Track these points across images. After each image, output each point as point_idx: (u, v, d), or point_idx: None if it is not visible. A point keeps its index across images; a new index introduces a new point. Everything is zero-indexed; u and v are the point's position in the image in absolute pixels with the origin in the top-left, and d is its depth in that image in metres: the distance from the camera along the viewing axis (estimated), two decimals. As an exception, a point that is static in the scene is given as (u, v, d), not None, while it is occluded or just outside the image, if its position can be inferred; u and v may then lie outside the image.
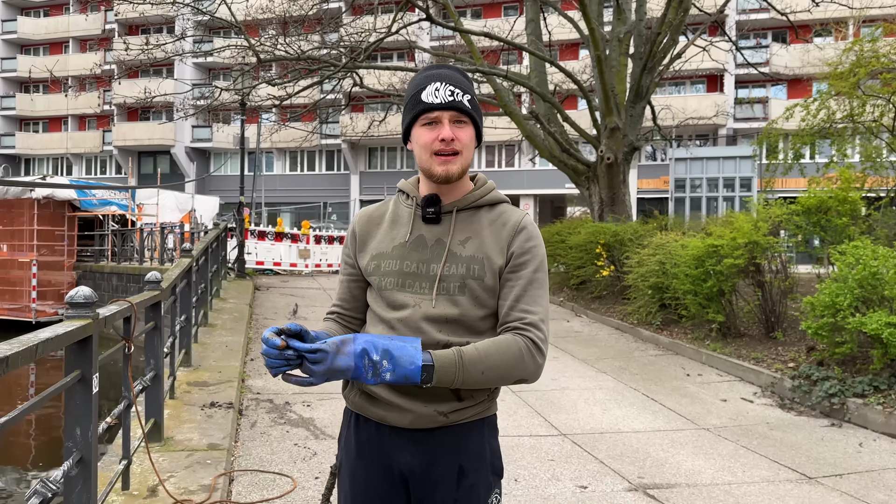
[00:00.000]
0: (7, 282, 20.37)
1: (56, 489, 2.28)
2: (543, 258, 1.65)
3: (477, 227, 1.63)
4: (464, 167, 1.61)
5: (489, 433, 1.64)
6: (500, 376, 1.50)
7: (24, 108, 41.79)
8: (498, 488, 1.64)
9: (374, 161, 37.44)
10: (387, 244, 1.66)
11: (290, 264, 18.58)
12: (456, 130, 1.58)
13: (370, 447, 1.63)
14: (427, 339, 1.54)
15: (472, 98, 1.62)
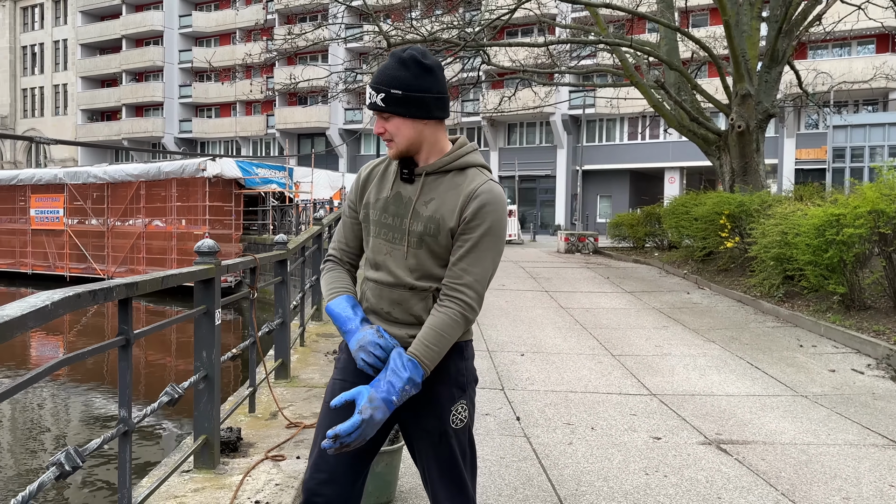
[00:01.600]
0: (184, 252, 22.99)
1: (181, 392, 2.96)
2: (494, 225, 1.83)
3: (441, 189, 1.86)
4: (400, 149, 1.86)
5: (456, 356, 1.90)
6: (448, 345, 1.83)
7: (199, 95, 46.17)
8: (464, 400, 1.92)
9: (513, 137, 37.71)
10: (378, 194, 1.95)
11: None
12: (384, 123, 1.85)
13: None
14: (399, 280, 1.88)
15: (386, 94, 1.80)
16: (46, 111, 50.51)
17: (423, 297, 1.89)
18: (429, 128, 1.85)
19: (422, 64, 1.81)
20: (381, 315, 1.93)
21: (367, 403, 1.72)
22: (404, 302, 1.89)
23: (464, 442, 1.94)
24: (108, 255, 24.07)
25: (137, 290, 2.43)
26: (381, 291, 1.92)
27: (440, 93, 1.85)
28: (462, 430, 1.93)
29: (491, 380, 5.75)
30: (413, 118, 1.82)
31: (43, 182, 25.73)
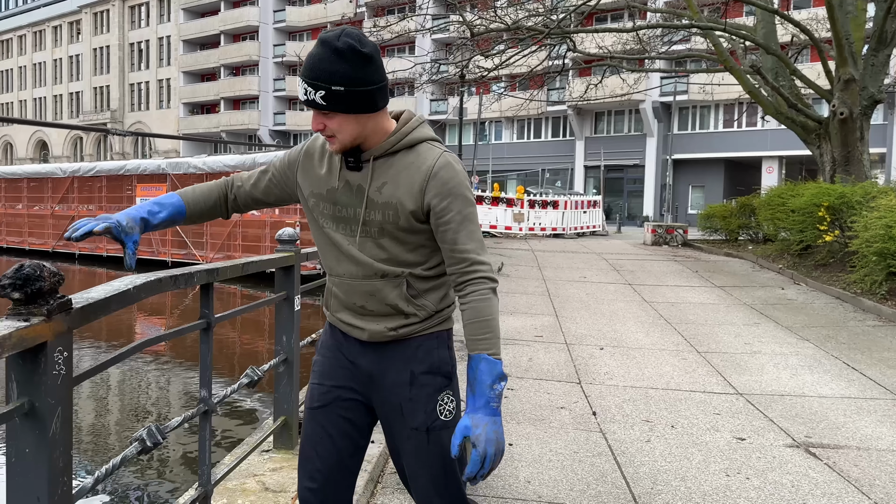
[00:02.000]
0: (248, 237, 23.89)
1: (261, 375, 3.08)
2: (464, 194, 1.75)
3: (393, 172, 1.74)
4: (345, 144, 1.70)
5: (438, 345, 1.84)
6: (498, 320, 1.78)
7: (292, 89, 47.64)
8: (450, 390, 1.84)
9: (599, 126, 36.93)
10: (322, 186, 1.81)
11: (506, 227, 19.43)
12: (324, 119, 1.68)
13: (339, 350, 1.90)
14: (368, 271, 1.78)
15: (326, 92, 1.61)
16: (152, 105, 53.39)
17: (396, 283, 1.79)
18: (373, 118, 1.70)
19: (361, 54, 1.62)
20: (354, 310, 1.84)
21: (474, 431, 1.65)
22: (377, 292, 1.79)
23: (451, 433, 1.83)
24: (207, 242, 25.25)
25: (218, 275, 2.53)
26: (351, 286, 1.82)
27: (382, 81, 1.68)
28: (452, 422, 1.83)
29: (567, 373, 5.68)
30: (358, 114, 1.67)
31: (147, 172, 27.23)
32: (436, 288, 1.85)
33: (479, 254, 1.77)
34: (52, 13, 59.44)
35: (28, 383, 1.45)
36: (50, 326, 1.45)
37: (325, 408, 1.87)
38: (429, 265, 1.82)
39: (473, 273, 1.75)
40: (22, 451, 1.46)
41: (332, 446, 1.86)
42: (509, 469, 3.61)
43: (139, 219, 1.75)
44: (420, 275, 1.81)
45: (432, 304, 1.83)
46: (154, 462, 6.54)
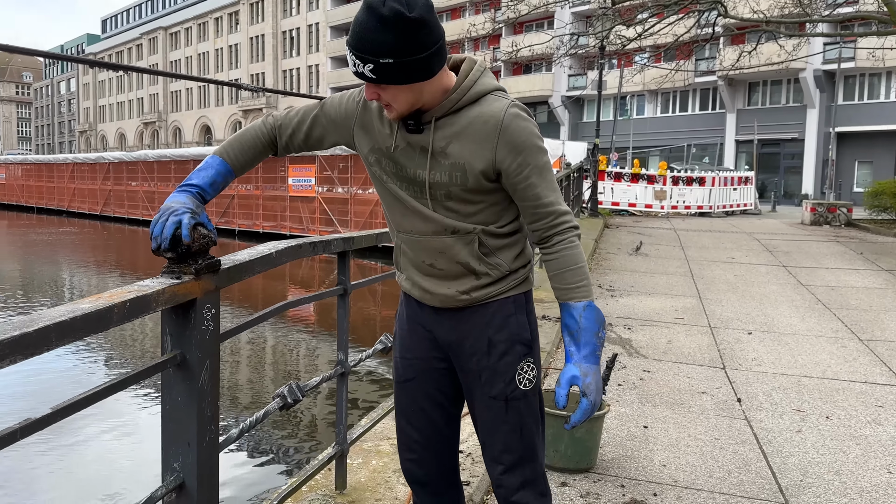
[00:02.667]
0: None
1: (391, 343, 3.16)
2: (536, 144, 1.64)
3: (457, 129, 1.62)
4: (401, 112, 1.59)
5: (516, 310, 1.74)
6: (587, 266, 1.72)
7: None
8: (531, 358, 1.74)
9: (753, 97, 34.44)
10: (381, 143, 1.70)
11: (646, 205, 18.68)
12: (377, 89, 1.56)
13: (416, 320, 1.83)
14: (437, 227, 1.69)
15: (375, 65, 1.48)
16: (302, 90, 56.27)
17: (468, 241, 1.68)
18: (429, 83, 1.56)
19: (409, 20, 1.44)
20: (423, 269, 1.74)
21: (584, 381, 1.62)
22: (447, 249, 1.69)
23: (535, 406, 1.76)
24: (351, 220, 26.40)
25: (353, 244, 2.62)
26: (419, 242, 1.72)
27: (436, 43, 1.51)
28: (532, 391, 1.75)
29: (710, 357, 5.39)
30: (412, 83, 1.53)
31: (298, 154, 28.81)
32: (510, 245, 1.73)
33: (561, 204, 1.69)
34: (215, 5, 64.00)
35: (180, 336, 1.57)
36: (199, 284, 1.56)
37: (412, 381, 1.83)
38: (501, 223, 1.71)
39: (560, 225, 1.67)
40: (175, 399, 1.59)
41: (426, 418, 1.83)
42: (644, 452, 3.50)
43: (197, 195, 1.65)
44: (493, 231, 1.70)
45: (506, 262, 1.72)
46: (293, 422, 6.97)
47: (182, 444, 1.59)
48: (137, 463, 5.91)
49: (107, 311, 1.30)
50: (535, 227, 1.69)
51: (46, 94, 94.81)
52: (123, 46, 76.57)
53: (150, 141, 71.62)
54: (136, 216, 35.45)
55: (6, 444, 1.15)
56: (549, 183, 1.66)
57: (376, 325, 12.33)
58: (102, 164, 39.04)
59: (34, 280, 17.48)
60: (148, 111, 72.31)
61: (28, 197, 45.94)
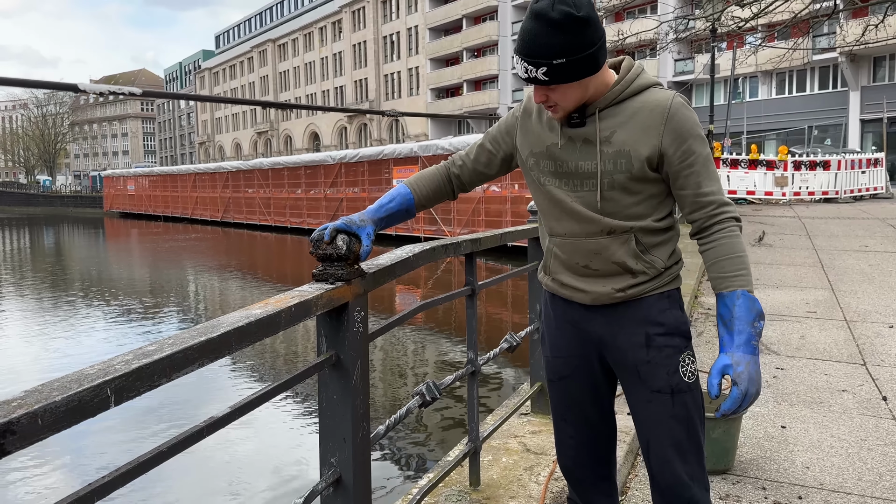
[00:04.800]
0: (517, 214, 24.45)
1: (518, 341, 3.17)
2: (700, 134, 1.67)
3: (622, 119, 1.65)
4: (568, 110, 1.64)
5: (670, 304, 1.73)
6: (748, 257, 1.69)
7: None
8: (690, 351, 1.74)
9: (879, 73, 31.91)
10: (541, 144, 1.74)
11: (765, 192, 17.70)
12: (546, 92, 1.62)
13: (564, 319, 1.82)
14: (594, 228, 1.69)
15: (548, 67, 1.54)
16: (403, 93, 57.37)
17: (624, 240, 1.68)
18: (594, 78, 1.62)
19: (578, 20, 1.51)
20: (576, 271, 1.75)
21: (735, 369, 1.59)
22: (603, 250, 1.70)
23: (699, 400, 1.73)
24: (454, 219, 26.67)
25: (480, 245, 2.66)
26: (574, 244, 1.73)
27: (602, 37, 1.58)
28: (695, 383, 1.73)
29: (849, 352, 5.07)
30: (582, 79, 1.59)
31: (402, 156, 29.41)
32: (665, 242, 1.73)
33: (722, 194, 1.69)
34: (318, 15, 66.35)
35: (335, 338, 1.66)
36: (350, 289, 1.64)
37: (565, 380, 1.84)
38: (657, 216, 1.71)
39: (721, 214, 1.67)
40: (331, 397, 1.67)
41: (581, 415, 1.84)
42: (783, 453, 3.34)
43: (370, 211, 1.81)
44: (649, 227, 1.70)
45: (662, 259, 1.72)
46: (415, 422, 7.13)
47: (338, 439, 1.67)
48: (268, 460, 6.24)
49: (276, 317, 1.39)
50: (695, 216, 1.69)
51: (168, 109, 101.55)
52: (236, 60, 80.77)
53: (264, 149, 75.21)
54: (253, 221, 37.32)
55: (193, 441, 1.26)
56: (710, 173, 1.68)
57: (488, 326, 12.40)
58: (221, 174, 41.38)
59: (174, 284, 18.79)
60: (261, 121, 75.94)
61: (155, 206, 49.38)
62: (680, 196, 1.70)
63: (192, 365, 1.21)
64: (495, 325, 12.44)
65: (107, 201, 57.75)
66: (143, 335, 11.65)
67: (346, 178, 31.95)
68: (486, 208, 25.34)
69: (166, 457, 1.18)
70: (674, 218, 1.76)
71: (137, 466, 1.10)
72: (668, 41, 15.65)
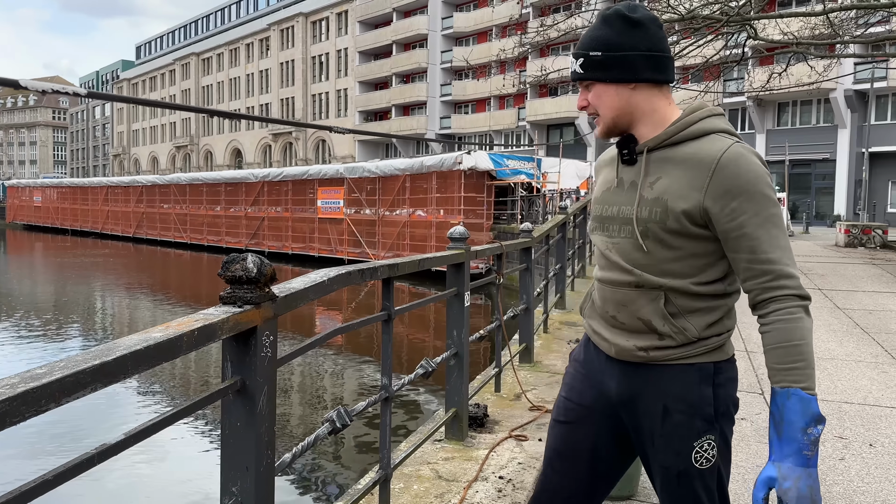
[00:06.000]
0: (442, 239, 24.57)
1: (434, 367, 3.19)
2: (761, 191, 1.47)
3: (670, 166, 1.53)
4: (607, 124, 1.59)
5: (700, 379, 1.57)
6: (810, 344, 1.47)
7: (458, 93, 48.80)
8: (711, 435, 1.56)
9: (783, 117, 34.14)
10: (601, 188, 1.70)
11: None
12: (585, 94, 1.60)
13: (590, 367, 1.73)
14: (623, 278, 1.60)
15: (585, 59, 1.54)
16: (331, 114, 57.08)
17: (652, 297, 1.56)
18: (639, 94, 1.54)
19: (627, 18, 1.52)
20: (606, 319, 1.67)
21: (781, 484, 1.39)
22: (630, 303, 1.59)
23: (711, 486, 1.58)
24: (379, 242, 26.59)
25: (398, 270, 2.67)
26: (606, 292, 1.66)
27: (651, 50, 1.51)
28: (710, 471, 1.57)
29: (749, 382, 5.33)
30: (615, 82, 1.53)
31: (328, 176, 29.18)
32: (706, 311, 1.57)
33: (786, 264, 1.48)
34: (245, 32, 65.44)
35: (241, 363, 1.62)
36: (260, 313, 1.61)
37: (568, 424, 1.73)
38: (700, 280, 1.55)
39: (779, 289, 1.47)
40: (234, 424, 1.63)
41: (570, 465, 1.73)
42: (684, 478, 3.46)
43: None
44: (686, 290, 1.55)
45: (696, 328, 1.56)
46: (333, 447, 7.01)
47: (240, 468, 1.63)
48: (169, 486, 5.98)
49: (177, 340, 1.35)
50: (748, 286, 1.53)
51: (82, 119, 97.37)
52: (157, 72, 78.47)
53: (182, 164, 73.03)
54: (168, 238, 36.07)
55: (83, 469, 1.20)
56: (772, 238, 1.48)
57: (409, 351, 12.37)
58: (136, 188, 39.90)
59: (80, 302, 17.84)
60: (180, 135, 73.83)
61: (63, 219, 47.06)
62: (733, 260, 1.53)
63: (83, 389, 1.16)
64: (418, 350, 12.42)
65: (10, 212, 54.68)
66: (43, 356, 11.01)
67: (268, 196, 31.39)
68: (412, 232, 25.40)
69: (52, 486, 1.12)
70: (728, 286, 1.60)
71: (19, 496, 1.04)
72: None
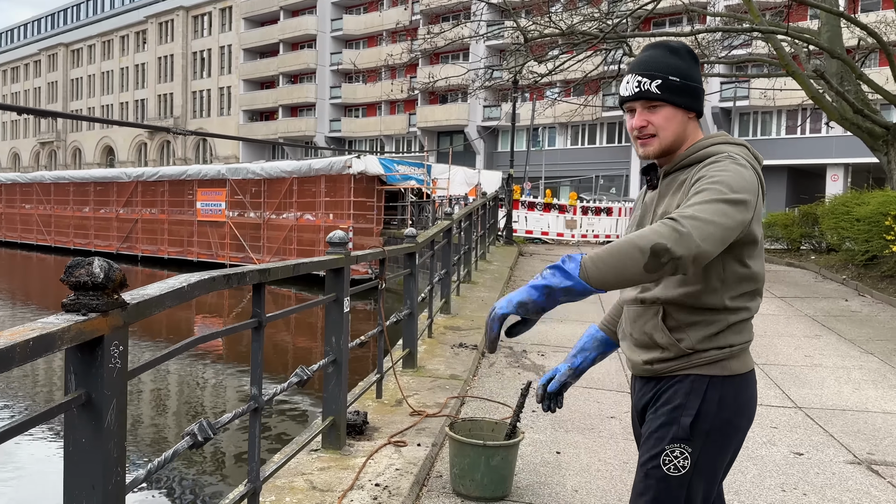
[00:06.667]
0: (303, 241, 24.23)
1: (309, 375, 3.12)
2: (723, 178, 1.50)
3: (677, 184, 1.66)
4: (663, 145, 1.68)
5: (692, 390, 1.62)
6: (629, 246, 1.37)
7: (348, 96, 48.37)
8: (685, 446, 1.60)
9: (656, 132, 36.26)
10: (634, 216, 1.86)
11: (557, 234, 19.28)
12: (649, 115, 1.67)
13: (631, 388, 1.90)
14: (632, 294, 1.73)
15: (663, 81, 1.64)
16: (213, 112, 54.97)
17: (654, 312, 1.67)
18: (692, 123, 1.70)
19: (692, 54, 1.70)
20: (626, 337, 1.80)
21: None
22: (639, 318, 1.72)
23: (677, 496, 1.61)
24: (264, 246, 25.82)
25: (270, 276, 2.59)
26: (624, 310, 1.81)
27: (702, 89, 1.73)
28: (678, 480, 1.60)
29: (619, 382, 5.59)
30: (686, 109, 1.67)
31: (208, 177, 28.02)
32: (704, 324, 1.63)
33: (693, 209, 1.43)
34: (120, 23, 61.84)
35: (85, 375, 1.51)
36: (107, 321, 1.50)
37: (636, 441, 1.87)
38: (689, 292, 1.62)
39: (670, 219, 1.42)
40: (79, 440, 1.52)
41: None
42: (557, 477, 3.57)
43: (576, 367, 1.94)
44: (680, 303, 1.63)
45: (692, 340, 1.63)
46: (206, 459, 6.71)
47: (86, 487, 1.52)
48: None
49: (9, 351, 1.24)
50: None
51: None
52: (20, 62, 72.69)
53: (48, 162, 67.93)
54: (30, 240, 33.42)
55: None
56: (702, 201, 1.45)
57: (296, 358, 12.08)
58: (-7, 185, 36.69)
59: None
60: (45, 130, 68.65)
61: None
62: None
63: None
64: (303, 358, 12.14)
65: None
66: None
67: (142, 197, 29.74)
68: (299, 237, 24.84)
69: None
70: (730, 301, 1.63)
71: None
72: (475, 88, 16.58)
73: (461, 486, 3.20)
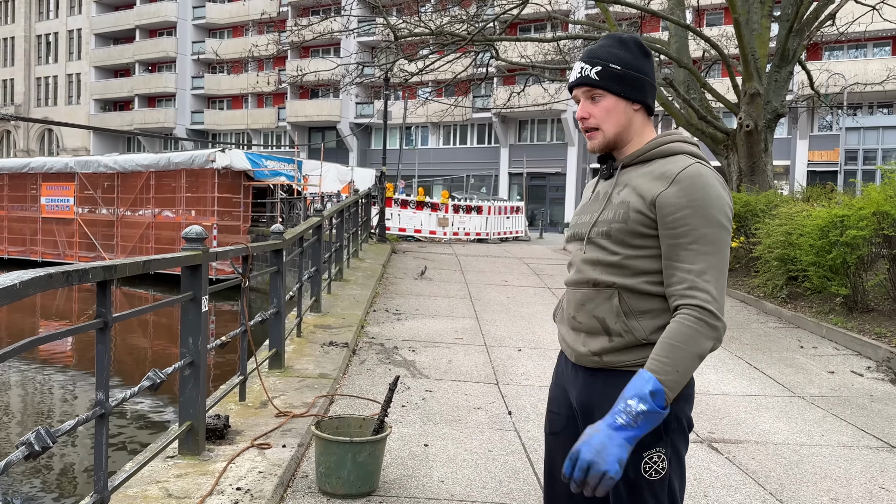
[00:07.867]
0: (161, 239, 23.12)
1: (163, 378, 2.95)
2: (708, 212, 1.56)
3: (635, 175, 1.67)
4: (607, 139, 1.69)
5: None
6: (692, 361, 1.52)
7: (212, 87, 46.34)
8: (661, 448, 1.60)
9: (523, 134, 37.61)
10: (579, 205, 1.87)
11: (430, 231, 19.51)
12: (590, 107, 1.69)
13: (560, 374, 1.84)
14: (582, 276, 1.71)
15: (603, 68, 1.65)
16: (60, 100, 50.86)
17: (608, 295, 1.64)
18: (638, 116, 1.70)
19: (642, 47, 1.70)
20: (569, 322, 1.75)
21: (581, 440, 1.50)
22: (588, 302, 1.68)
23: (662, 498, 1.62)
24: (118, 245, 24.21)
25: (117, 272, 2.42)
26: (570, 294, 1.76)
27: (653, 82, 1.71)
28: (660, 483, 1.61)
29: (486, 374, 5.73)
30: (628, 99, 1.67)
31: (54, 170, 25.90)
32: (656, 313, 1.62)
33: (706, 280, 1.54)
34: (-50, -1, 55.79)
35: None
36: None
37: (554, 435, 1.81)
38: (652, 279, 1.62)
39: (691, 298, 1.53)
40: None
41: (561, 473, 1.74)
42: (424, 469, 3.61)
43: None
44: (638, 289, 1.62)
45: (644, 329, 1.61)
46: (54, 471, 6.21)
47: None
48: None
49: None
50: (669, 292, 1.60)
51: None
52: None
53: None
54: None
55: None
56: (702, 255, 1.55)
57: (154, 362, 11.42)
58: None
59: None
60: None
61: None
62: (665, 266, 1.61)
63: None
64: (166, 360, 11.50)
65: None
66: None
67: (-22, 192, 27.00)
68: (157, 234, 23.51)
69: None
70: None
71: None
72: (345, 83, 16.42)
73: (327, 484, 3.16)
